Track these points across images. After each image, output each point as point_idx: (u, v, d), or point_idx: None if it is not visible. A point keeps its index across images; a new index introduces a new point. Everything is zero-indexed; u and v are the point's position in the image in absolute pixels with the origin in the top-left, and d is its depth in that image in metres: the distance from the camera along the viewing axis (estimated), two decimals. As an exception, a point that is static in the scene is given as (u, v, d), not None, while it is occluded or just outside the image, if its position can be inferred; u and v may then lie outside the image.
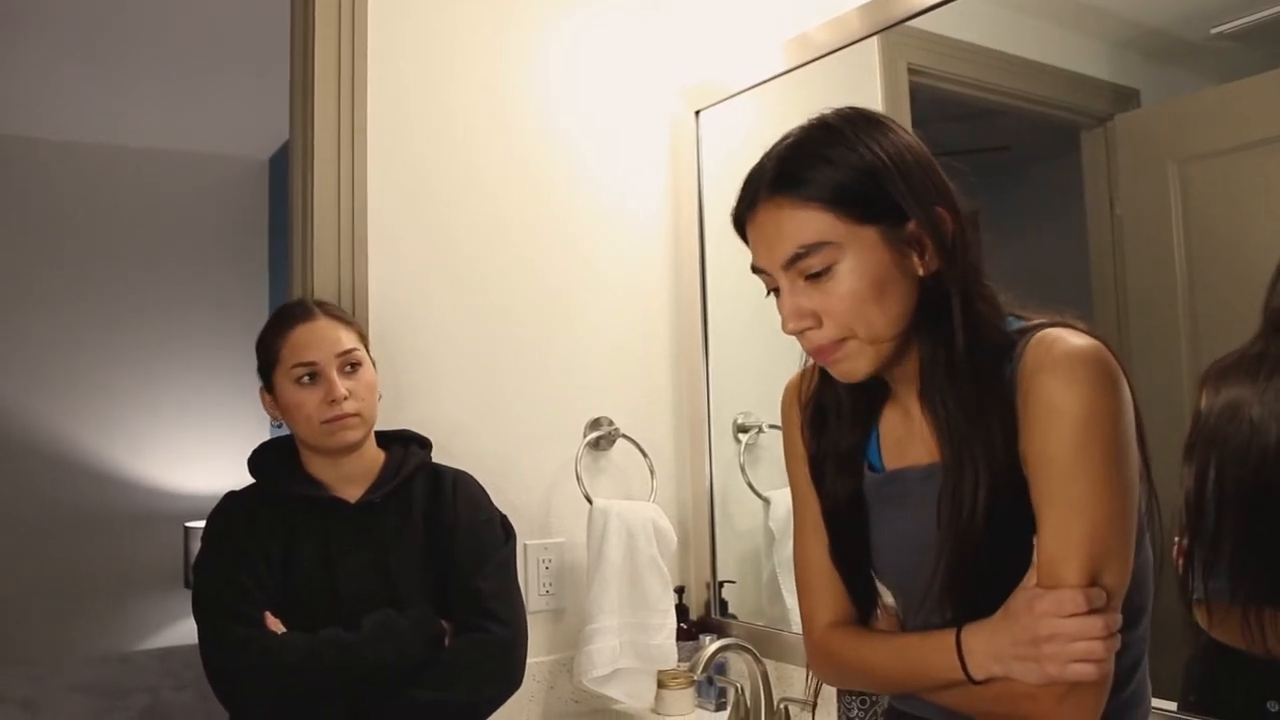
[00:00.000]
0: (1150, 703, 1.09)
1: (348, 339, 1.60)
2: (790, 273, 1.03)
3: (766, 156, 1.06)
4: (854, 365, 1.05)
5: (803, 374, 1.20)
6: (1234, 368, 1.32)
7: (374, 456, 1.64)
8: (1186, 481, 1.33)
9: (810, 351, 1.08)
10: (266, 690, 1.43)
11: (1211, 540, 1.31)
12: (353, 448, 1.60)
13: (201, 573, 1.54)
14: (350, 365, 1.59)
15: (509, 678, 1.58)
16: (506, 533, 1.69)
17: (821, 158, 1.01)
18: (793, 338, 1.08)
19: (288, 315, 1.62)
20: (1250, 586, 1.28)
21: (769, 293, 1.08)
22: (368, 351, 1.65)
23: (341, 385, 1.56)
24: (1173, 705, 1.35)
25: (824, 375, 1.14)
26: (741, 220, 1.08)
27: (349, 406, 1.56)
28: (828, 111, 1.07)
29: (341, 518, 1.58)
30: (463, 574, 1.58)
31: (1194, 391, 1.38)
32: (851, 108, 1.07)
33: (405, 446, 1.69)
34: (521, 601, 1.64)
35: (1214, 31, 1.43)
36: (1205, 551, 1.31)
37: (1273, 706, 1.26)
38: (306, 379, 1.56)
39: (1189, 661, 1.38)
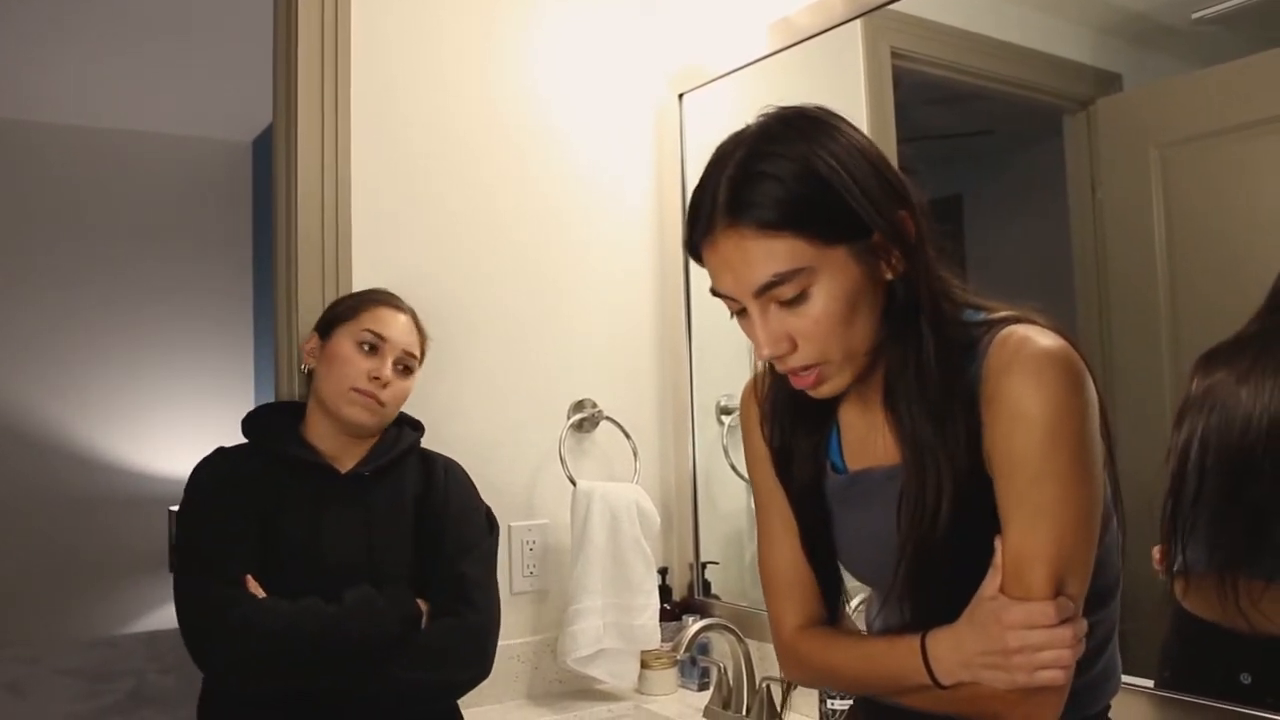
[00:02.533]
0: (1120, 679, 1.11)
1: (416, 346, 1.69)
2: (761, 300, 0.99)
3: (716, 176, 1.00)
4: (833, 385, 1.04)
5: (757, 376, 1.19)
6: (1225, 350, 1.33)
7: (371, 438, 1.67)
8: (1171, 456, 1.34)
9: (784, 372, 1.05)
10: (243, 655, 1.43)
11: (1191, 509, 1.33)
12: (358, 429, 1.62)
13: (185, 527, 1.54)
14: (405, 367, 1.66)
15: (481, 663, 1.58)
16: (491, 525, 1.71)
17: (773, 177, 0.96)
18: None
19: (380, 294, 1.72)
20: (1225, 553, 1.30)
21: (733, 315, 1.05)
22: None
23: (390, 372, 1.62)
24: (1149, 682, 1.37)
25: (776, 371, 1.11)
26: (697, 247, 1.03)
27: (384, 394, 1.61)
28: (771, 115, 1.03)
29: (330, 485, 1.59)
30: (448, 559, 1.60)
31: (1174, 372, 1.39)
32: (796, 111, 1.03)
33: (399, 428, 1.71)
34: (498, 593, 1.65)
35: (1196, 16, 1.43)
36: (1185, 521, 1.33)
37: (1246, 679, 1.28)
38: (368, 347, 1.62)
39: (1164, 639, 1.40)
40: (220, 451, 1.61)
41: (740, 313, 1.04)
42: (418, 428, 1.74)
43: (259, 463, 1.59)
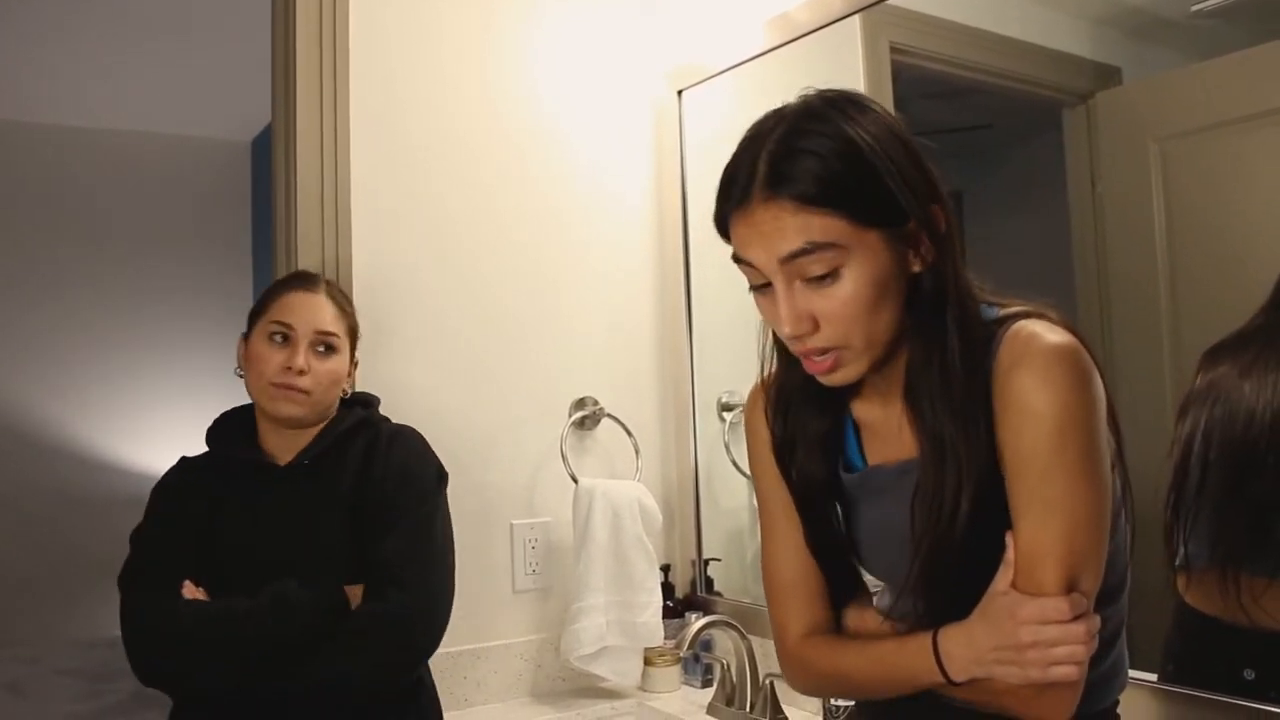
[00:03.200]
0: (1127, 674, 1.11)
1: (333, 323, 1.60)
2: (788, 273, 0.98)
3: (754, 150, 0.99)
4: (846, 373, 1.03)
5: (766, 374, 1.17)
6: (1230, 344, 1.33)
7: (314, 426, 1.61)
8: (1175, 449, 1.34)
9: (800, 354, 1.04)
10: (159, 656, 1.43)
11: (1193, 504, 1.33)
12: (291, 422, 1.57)
13: (131, 536, 1.55)
14: (324, 347, 1.58)
15: (406, 648, 1.50)
16: (440, 482, 1.63)
17: (815, 154, 0.96)
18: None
19: (292, 279, 1.66)
20: (1227, 549, 1.30)
21: (751, 288, 1.05)
22: (353, 348, 1.65)
23: (305, 359, 1.55)
24: (1152, 676, 1.37)
25: (787, 359, 1.12)
26: (727, 218, 1.02)
27: (302, 382, 1.54)
28: (813, 95, 1.02)
29: (268, 481, 1.56)
30: (375, 537, 1.51)
31: (1175, 367, 1.39)
32: (838, 92, 1.02)
33: (349, 409, 1.65)
34: (441, 563, 1.56)
35: (1195, 9, 1.43)
36: (1187, 516, 1.33)
37: (1249, 675, 1.28)
38: (278, 339, 1.56)
39: (1167, 634, 1.39)
40: (182, 460, 1.62)
41: (762, 288, 1.03)
42: (369, 404, 1.68)
43: (212, 468, 1.58)
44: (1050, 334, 0.97)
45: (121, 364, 4.43)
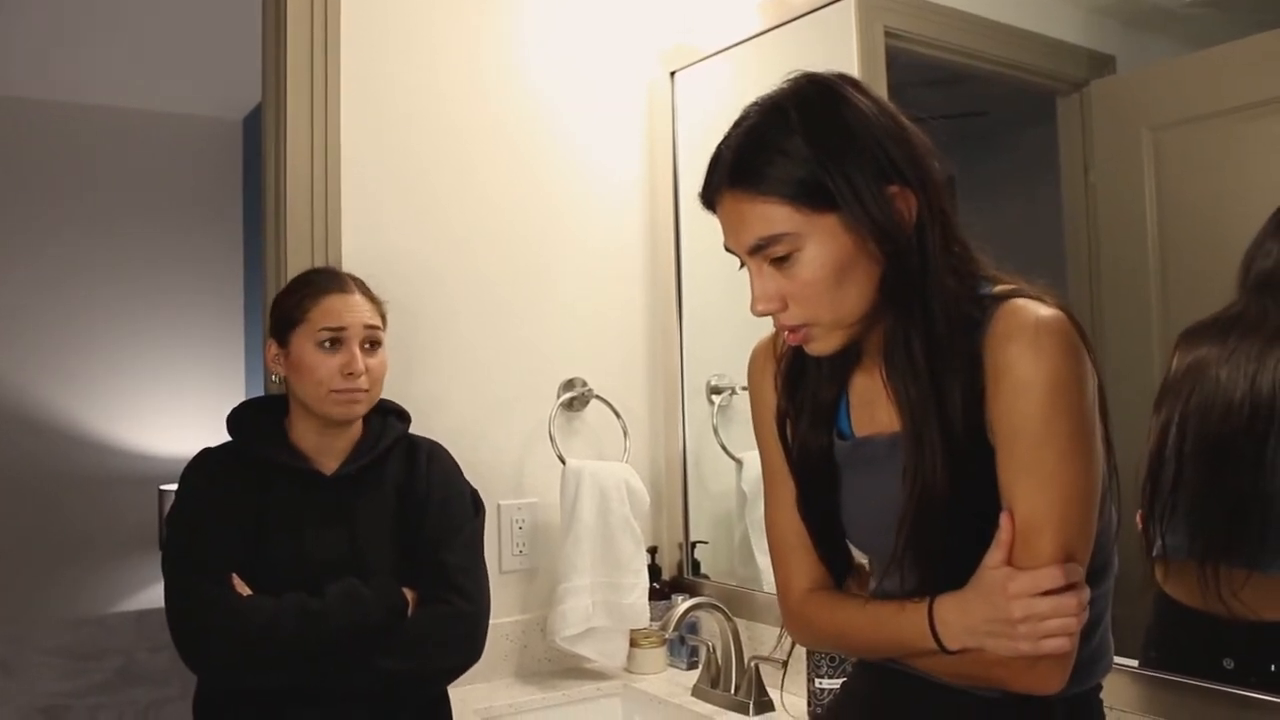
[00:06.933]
0: (1112, 657, 1.11)
1: (374, 317, 1.63)
2: (756, 258, 1.04)
3: (725, 142, 1.06)
4: (822, 346, 1.06)
5: (774, 335, 1.19)
6: (1207, 329, 1.33)
7: (356, 428, 1.65)
8: (1151, 437, 1.34)
9: (777, 328, 1.09)
10: (228, 651, 1.44)
11: (1170, 495, 1.33)
12: (351, 421, 1.61)
13: (172, 529, 1.55)
14: (371, 343, 1.62)
15: (470, 650, 1.58)
16: (476, 508, 1.69)
17: (776, 149, 1.01)
18: None
19: (323, 280, 1.64)
20: (1206, 541, 1.30)
21: (741, 266, 1.08)
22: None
23: (362, 361, 1.58)
24: (1133, 662, 1.38)
25: None
26: (710, 202, 1.08)
27: (362, 382, 1.58)
28: (787, 86, 1.05)
29: (316, 489, 1.58)
30: (431, 547, 1.58)
31: (1164, 356, 1.40)
32: (810, 79, 1.05)
33: (384, 419, 1.69)
34: (486, 577, 1.64)
35: (1189, -2, 1.44)
36: (1164, 507, 1.33)
37: (1228, 664, 1.28)
38: (329, 344, 1.57)
39: (1147, 623, 1.40)
40: (206, 453, 1.60)
41: (744, 265, 1.08)
42: (404, 418, 1.72)
43: (244, 465, 1.58)
44: (1041, 308, 0.98)
45: (110, 340, 4.41)
